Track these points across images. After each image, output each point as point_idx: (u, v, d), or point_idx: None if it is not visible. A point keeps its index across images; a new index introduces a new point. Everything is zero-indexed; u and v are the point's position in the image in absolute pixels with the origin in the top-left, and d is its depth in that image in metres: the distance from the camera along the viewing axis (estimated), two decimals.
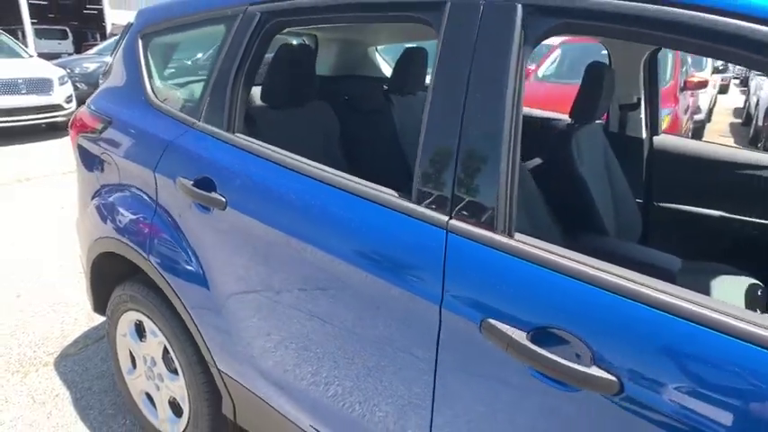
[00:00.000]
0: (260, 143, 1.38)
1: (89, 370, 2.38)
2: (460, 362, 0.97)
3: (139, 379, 1.92)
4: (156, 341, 1.77)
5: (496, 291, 0.91)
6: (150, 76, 1.76)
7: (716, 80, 9.39)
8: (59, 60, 10.07)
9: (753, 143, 8.07)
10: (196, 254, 1.49)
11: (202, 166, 1.43)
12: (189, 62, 2.21)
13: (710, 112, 9.36)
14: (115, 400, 2.18)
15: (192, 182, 1.43)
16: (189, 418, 1.73)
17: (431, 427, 1.04)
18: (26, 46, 17.42)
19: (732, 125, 9.90)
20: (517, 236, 0.95)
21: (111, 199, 1.76)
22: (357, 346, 1.15)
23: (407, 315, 1.03)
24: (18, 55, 7.74)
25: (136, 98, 1.75)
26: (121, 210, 1.71)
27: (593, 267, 0.85)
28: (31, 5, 19.30)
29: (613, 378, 0.79)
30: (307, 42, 2.81)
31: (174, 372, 1.74)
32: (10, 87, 6.82)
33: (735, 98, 14.85)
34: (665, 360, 0.77)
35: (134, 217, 1.65)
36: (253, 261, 1.33)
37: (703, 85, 5.46)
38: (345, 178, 1.18)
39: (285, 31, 1.53)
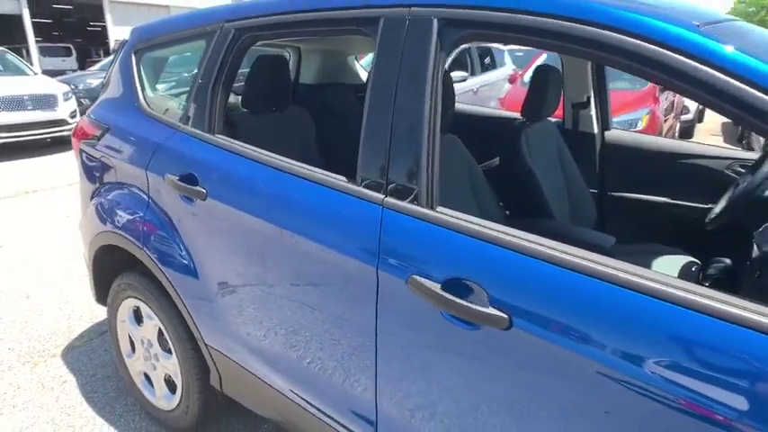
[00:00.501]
0: (235, 142, 1.59)
1: (93, 360, 2.59)
2: (394, 312, 1.17)
3: (138, 361, 2.12)
4: (151, 324, 1.97)
5: (418, 252, 1.12)
6: (143, 87, 1.98)
7: None
8: (64, 77, 10.40)
9: (740, 140, 8.25)
10: (184, 242, 1.70)
11: (187, 163, 1.65)
12: (187, 75, 2.42)
13: (701, 112, 9.51)
14: (117, 384, 2.38)
15: (178, 177, 1.64)
16: (182, 392, 1.93)
17: (376, 366, 1.24)
18: (31, 63, 17.86)
19: (724, 125, 10.04)
20: (438, 209, 1.15)
21: (109, 197, 1.98)
22: (319, 309, 1.35)
23: (353, 277, 1.23)
24: (23, 72, 8.03)
25: (130, 107, 1.97)
26: (119, 206, 1.92)
27: (493, 230, 1.05)
28: (35, 24, 19.75)
29: (504, 315, 0.99)
30: (290, 54, 3.04)
31: (168, 351, 1.94)
32: (16, 104, 7.09)
33: None
34: (544, 300, 0.97)
35: (130, 211, 1.87)
36: (229, 243, 1.54)
37: None
38: (304, 168, 1.39)
39: (267, 43, 1.74)
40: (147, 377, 2.12)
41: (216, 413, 2.02)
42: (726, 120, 11.15)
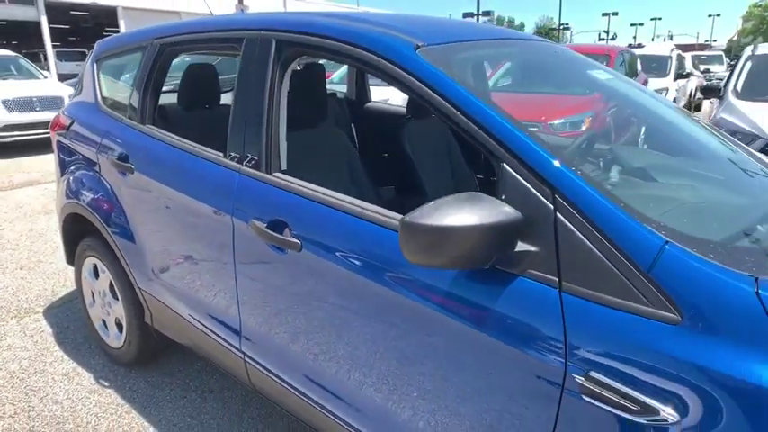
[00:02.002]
0: (157, 130, 2.09)
1: (68, 315, 3.10)
2: (243, 247, 1.65)
3: (97, 309, 2.63)
4: (105, 277, 2.48)
5: (256, 203, 1.60)
6: (100, 89, 2.49)
7: (679, 84, 9.88)
8: (73, 80, 11.04)
9: None
10: (122, 209, 2.20)
11: (123, 146, 2.15)
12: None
13: (689, 109, 9.84)
14: (85, 333, 2.89)
15: (116, 157, 2.14)
16: (126, 330, 2.43)
17: (236, 287, 1.72)
18: (48, 68, 18.68)
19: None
20: (275, 174, 1.62)
21: (73, 175, 2.49)
22: (205, 252, 1.83)
23: (220, 224, 1.71)
24: (34, 76, 8.70)
25: (90, 104, 2.48)
26: (79, 182, 2.43)
27: (300, 186, 1.52)
28: (53, 30, 20.64)
29: (298, 242, 1.46)
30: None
31: (116, 298, 2.44)
32: (26, 105, 7.73)
33: None
34: (320, 231, 1.44)
35: (86, 186, 2.38)
36: (149, 207, 2.03)
37: None
38: (195, 146, 1.87)
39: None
40: (104, 322, 2.62)
41: (152, 352, 2.51)
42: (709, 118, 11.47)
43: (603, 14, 60.56)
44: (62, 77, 14.31)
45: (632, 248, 0.99)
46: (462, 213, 1.04)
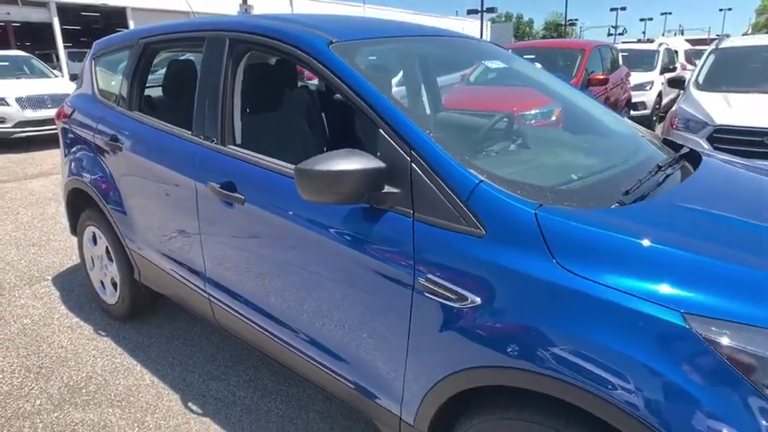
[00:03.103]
0: (142, 115, 2.50)
1: (74, 282, 3.55)
2: (204, 205, 2.06)
3: (96, 272, 3.06)
4: (102, 242, 2.91)
5: (212, 169, 2.01)
6: (96, 82, 2.91)
7: (665, 78, 10.12)
8: None
9: None
10: (114, 182, 2.62)
11: (114, 128, 2.58)
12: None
13: (663, 108, 10.06)
14: (88, 295, 3.32)
15: (108, 138, 2.57)
16: (119, 287, 2.86)
17: (201, 239, 2.13)
18: (60, 67, 19.27)
19: None
20: (228, 146, 2.02)
21: (75, 155, 2.92)
22: (177, 213, 2.25)
23: (187, 188, 2.12)
24: (46, 75, 9.21)
25: (88, 96, 2.91)
26: (79, 161, 2.86)
27: (244, 153, 1.93)
28: (64, 30, 21.27)
29: (241, 196, 1.87)
30: None
31: (111, 260, 2.87)
32: (38, 102, 8.23)
33: None
34: (256, 187, 1.84)
35: (85, 164, 2.80)
36: (135, 178, 2.45)
37: (604, 82, 6.37)
38: (172, 128, 2.28)
39: None
40: (102, 283, 3.06)
41: (142, 307, 2.94)
42: None
43: (611, 9, 60.39)
44: (73, 77, 14.87)
45: (457, 186, 1.38)
46: (347, 162, 1.43)
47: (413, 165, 1.46)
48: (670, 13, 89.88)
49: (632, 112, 8.77)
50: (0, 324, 3.01)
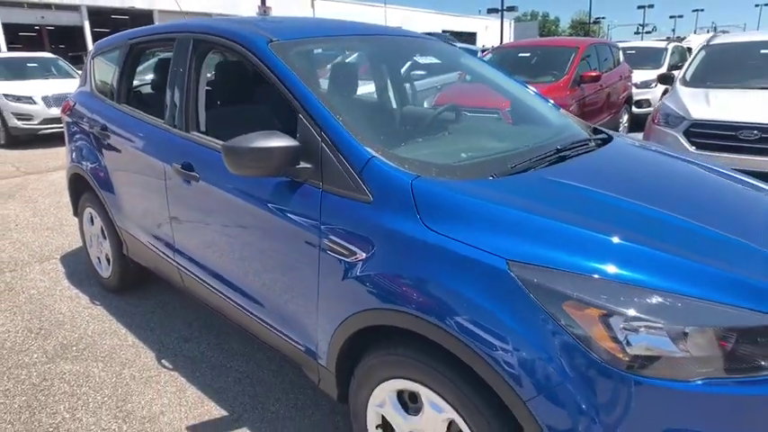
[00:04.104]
0: (128, 107, 2.83)
1: (78, 261, 3.93)
2: (171, 184, 2.36)
3: (93, 249, 3.42)
4: (97, 222, 3.26)
5: (176, 152, 2.31)
6: (94, 79, 3.27)
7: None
8: None
9: None
10: (105, 166, 2.96)
11: (104, 119, 2.92)
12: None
13: None
14: (88, 272, 3.69)
15: (99, 127, 2.91)
16: (112, 262, 3.21)
17: (169, 214, 2.44)
18: None
19: None
20: (192, 132, 2.32)
21: (76, 144, 3.28)
22: (151, 192, 2.56)
23: (159, 171, 2.43)
24: (71, 75, 9.77)
25: (87, 90, 3.27)
26: (78, 149, 3.22)
27: (202, 138, 2.22)
28: (95, 33, 22.17)
29: (197, 175, 2.17)
30: None
31: (105, 237, 3.22)
32: (63, 101, 8.75)
33: None
34: (207, 165, 2.14)
35: (83, 151, 3.16)
36: (121, 163, 2.79)
37: (596, 78, 6.48)
38: (150, 117, 2.60)
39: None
40: (98, 259, 3.41)
41: (131, 279, 3.28)
42: None
43: (639, 7, 59.24)
44: None
45: (354, 160, 1.65)
46: (266, 141, 1.70)
47: (323, 144, 1.73)
48: (702, 10, 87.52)
49: (636, 110, 8.81)
50: (11, 293, 3.41)
